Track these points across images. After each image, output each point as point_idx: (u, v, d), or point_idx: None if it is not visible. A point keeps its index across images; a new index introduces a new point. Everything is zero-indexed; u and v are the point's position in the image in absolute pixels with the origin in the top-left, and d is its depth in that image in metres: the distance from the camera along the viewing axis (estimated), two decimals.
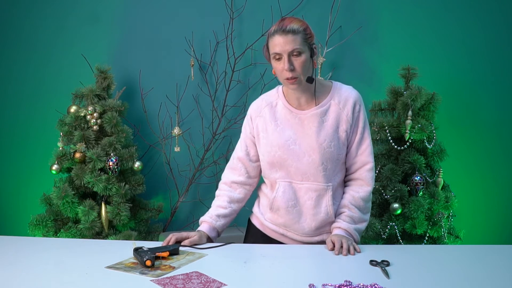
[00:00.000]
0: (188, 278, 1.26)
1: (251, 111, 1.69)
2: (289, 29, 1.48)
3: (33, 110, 2.87)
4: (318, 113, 1.58)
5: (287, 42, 1.48)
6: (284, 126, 1.60)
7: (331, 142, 1.57)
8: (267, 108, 1.65)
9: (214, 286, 1.20)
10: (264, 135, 1.63)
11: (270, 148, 1.60)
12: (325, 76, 2.68)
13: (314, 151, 1.56)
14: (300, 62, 1.50)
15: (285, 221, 1.63)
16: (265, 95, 1.70)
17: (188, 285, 1.21)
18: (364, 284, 1.21)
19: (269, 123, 1.63)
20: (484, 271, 1.33)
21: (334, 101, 1.60)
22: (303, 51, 1.50)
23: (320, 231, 1.63)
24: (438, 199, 2.27)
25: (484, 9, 2.63)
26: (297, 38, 1.48)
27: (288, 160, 1.59)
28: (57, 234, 2.45)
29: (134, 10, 2.79)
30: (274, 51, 1.50)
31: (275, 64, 1.53)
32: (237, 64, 2.75)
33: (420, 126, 2.25)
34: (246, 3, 2.71)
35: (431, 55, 2.66)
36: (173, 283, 1.22)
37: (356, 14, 2.69)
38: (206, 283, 1.23)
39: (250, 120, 1.68)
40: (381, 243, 2.29)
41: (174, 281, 1.24)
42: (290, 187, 1.61)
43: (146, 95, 2.81)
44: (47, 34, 2.83)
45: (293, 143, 1.58)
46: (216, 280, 1.25)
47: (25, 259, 1.41)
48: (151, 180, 2.78)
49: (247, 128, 1.69)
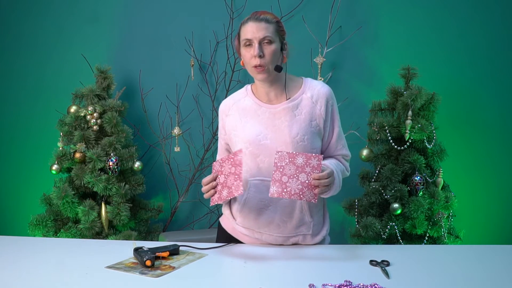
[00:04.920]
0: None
1: (220, 112, 1.68)
2: (262, 17, 1.51)
3: (33, 110, 2.87)
4: (290, 107, 1.56)
5: (260, 29, 1.49)
6: (254, 122, 1.58)
7: (304, 135, 1.54)
8: (235, 106, 1.63)
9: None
10: (235, 132, 1.61)
11: (241, 145, 1.57)
12: (325, 76, 2.69)
13: (287, 145, 1.53)
14: (271, 51, 1.50)
15: (259, 223, 1.58)
16: (234, 94, 1.69)
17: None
18: (364, 284, 1.21)
19: (238, 121, 1.61)
20: (484, 271, 1.33)
21: (306, 95, 1.58)
22: (274, 41, 1.51)
23: (296, 231, 1.58)
24: (438, 199, 2.27)
25: (484, 9, 2.63)
26: (270, 27, 1.51)
27: (260, 156, 1.55)
28: (57, 234, 2.45)
29: (134, 10, 2.79)
30: (245, 37, 1.51)
31: (244, 51, 1.53)
32: (237, 64, 2.75)
33: (420, 126, 2.25)
34: (246, 3, 2.71)
35: (431, 55, 2.66)
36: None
37: (356, 14, 2.69)
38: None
39: (221, 120, 1.67)
40: (381, 243, 2.29)
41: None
42: (262, 186, 1.56)
43: (146, 95, 2.81)
44: (47, 34, 2.83)
45: (264, 138, 1.55)
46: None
47: (25, 259, 1.41)
48: (151, 180, 2.78)
49: (221, 129, 1.68)
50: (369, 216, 2.32)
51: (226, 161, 1.47)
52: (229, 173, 1.45)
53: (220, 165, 1.49)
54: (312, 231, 1.60)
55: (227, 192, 1.44)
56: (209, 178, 1.49)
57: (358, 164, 2.44)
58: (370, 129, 2.38)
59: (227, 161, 1.47)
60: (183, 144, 2.82)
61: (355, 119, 2.62)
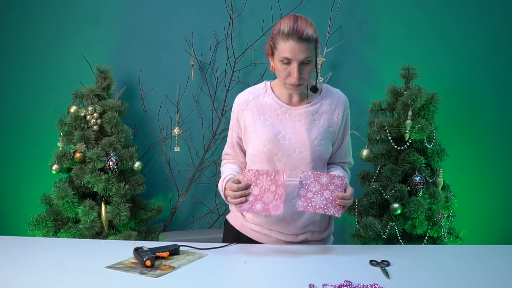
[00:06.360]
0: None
1: (237, 104, 1.64)
2: (305, 37, 1.43)
3: (33, 110, 2.87)
4: (310, 110, 1.58)
5: (302, 50, 1.44)
6: (273, 121, 1.57)
7: (322, 140, 1.56)
8: (254, 101, 1.60)
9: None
10: (252, 129, 1.59)
11: (259, 142, 1.56)
12: (325, 76, 2.69)
13: (306, 147, 1.55)
14: (309, 71, 1.49)
15: (269, 220, 1.59)
16: (252, 88, 1.66)
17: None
18: (364, 284, 1.21)
19: (257, 117, 1.58)
20: (484, 271, 1.33)
21: (326, 101, 1.60)
22: (312, 60, 1.48)
23: (305, 229, 1.61)
24: (438, 199, 2.27)
25: (484, 9, 2.63)
26: (310, 47, 1.46)
27: (277, 155, 1.55)
28: (57, 234, 2.45)
29: (134, 10, 2.79)
30: (284, 55, 1.45)
31: (280, 66, 1.49)
32: (237, 64, 2.75)
33: (420, 126, 2.25)
34: (246, 3, 2.71)
35: (431, 55, 2.66)
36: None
37: (356, 14, 2.69)
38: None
39: (237, 113, 1.63)
40: (381, 243, 2.29)
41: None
42: None
43: (146, 95, 2.81)
44: (47, 34, 2.83)
45: (282, 138, 1.55)
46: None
47: (25, 259, 1.41)
48: (151, 180, 2.78)
49: (234, 123, 1.64)
50: (369, 216, 2.32)
51: (264, 175, 1.48)
52: (267, 189, 1.46)
53: (255, 176, 1.49)
54: (319, 227, 1.63)
55: (261, 207, 1.44)
56: (242, 186, 1.48)
57: (358, 164, 2.44)
58: (370, 129, 2.38)
59: (265, 176, 1.48)
60: (183, 144, 2.82)
61: (355, 119, 2.61)
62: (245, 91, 1.66)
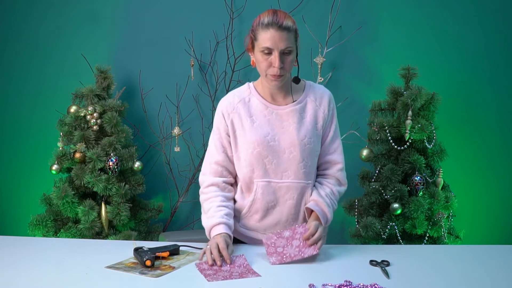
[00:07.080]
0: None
1: (223, 108, 1.59)
2: (285, 25, 1.45)
3: (33, 110, 2.87)
4: (297, 109, 1.57)
5: (282, 39, 1.45)
6: (261, 122, 1.56)
7: (311, 138, 1.56)
8: (241, 104, 1.58)
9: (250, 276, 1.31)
10: (240, 132, 1.57)
11: (248, 145, 1.55)
12: (325, 76, 2.69)
13: (295, 147, 1.54)
14: (290, 61, 1.49)
15: (265, 224, 1.58)
16: (235, 91, 1.64)
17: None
18: (364, 284, 1.21)
19: (244, 120, 1.56)
20: (484, 271, 1.33)
21: (310, 98, 1.60)
22: (293, 50, 1.49)
23: None
24: (438, 199, 2.27)
25: (484, 9, 2.63)
26: (291, 36, 1.47)
27: (268, 157, 1.54)
28: (57, 234, 2.45)
29: (134, 10, 2.79)
30: (265, 45, 1.46)
31: (261, 57, 1.49)
32: (237, 64, 2.75)
33: (420, 126, 2.25)
34: (246, 3, 2.71)
35: (431, 55, 2.66)
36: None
37: (356, 14, 2.69)
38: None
39: (223, 118, 1.59)
40: (381, 243, 2.29)
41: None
42: (269, 187, 1.56)
43: (146, 95, 2.81)
44: (47, 34, 2.83)
45: (272, 140, 1.54)
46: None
47: (25, 259, 1.42)
48: (151, 180, 2.77)
49: (221, 127, 1.59)
50: (369, 216, 2.32)
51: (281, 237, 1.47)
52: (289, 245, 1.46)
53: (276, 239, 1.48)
54: None
55: (296, 251, 1.44)
56: (225, 255, 1.40)
57: (358, 164, 2.44)
58: (370, 129, 2.38)
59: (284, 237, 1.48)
60: (183, 144, 2.82)
61: (355, 119, 2.62)
62: (229, 94, 1.64)
